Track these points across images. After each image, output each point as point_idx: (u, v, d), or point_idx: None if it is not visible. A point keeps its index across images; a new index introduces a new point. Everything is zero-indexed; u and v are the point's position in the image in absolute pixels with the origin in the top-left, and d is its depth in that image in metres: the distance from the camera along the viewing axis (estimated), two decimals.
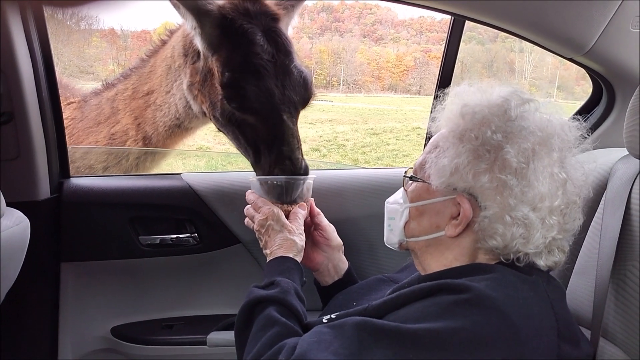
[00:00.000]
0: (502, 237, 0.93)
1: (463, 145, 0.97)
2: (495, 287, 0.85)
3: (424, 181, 1.04)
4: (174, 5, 1.36)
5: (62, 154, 1.63)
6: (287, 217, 1.30)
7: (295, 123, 1.38)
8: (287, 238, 1.25)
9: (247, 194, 1.37)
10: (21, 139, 1.46)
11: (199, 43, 1.42)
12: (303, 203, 1.34)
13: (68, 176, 1.67)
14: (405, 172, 1.12)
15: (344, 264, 1.40)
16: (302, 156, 1.36)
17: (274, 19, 1.40)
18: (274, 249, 1.24)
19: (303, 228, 1.31)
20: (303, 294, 1.13)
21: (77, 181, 1.66)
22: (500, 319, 0.82)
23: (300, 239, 1.26)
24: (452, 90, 1.09)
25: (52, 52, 1.55)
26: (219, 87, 1.37)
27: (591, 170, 1.02)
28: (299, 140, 1.36)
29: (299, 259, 1.23)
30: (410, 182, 1.09)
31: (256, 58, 1.33)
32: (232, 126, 1.40)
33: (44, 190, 1.55)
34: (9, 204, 1.09)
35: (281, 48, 1.37)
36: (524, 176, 0.93)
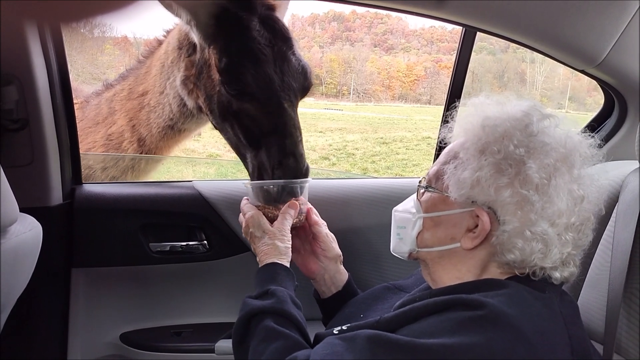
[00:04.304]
0: (521, 251, 0.92)
1: (485, 158, 0.96)
2: (509, 304, 0.85)
3: (441, 192, 1.03)
4: (166, 6, 1.35)
5: (74, 161, 1.64)
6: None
7: (296, 113, 1.35)
8: (267, 243, 1.22)
9: (242, 200, 1.35)
10: (35, 145, 1.47)
11: (194, 35, 1.41)
12: (294, 202, 1.29)
13: (80, 182, 1.69)
14: (420, 181, 1.11)
15: (342, 275, 1.37)
16: (304, 152, 1.33)
17: (270, 7, 1.40)
18: (260, 257, 1.22)
19: (289, 228, 1.26)
20: (299, 300, 1.12)
21: (89, 188, 1.68)
22: (515, 336, 0.81)
23: (281, 241, 1.23)
24: (470, 100, 1.08)
25: (67, 59, 1.57)
26: (216, 78, 1.36)
27: (604, 187, 1.02)
28: (301, 132, 1.33)
29: (286, 261, 1.21)
30: (424, 191, 1.08)
31: (253, 43, 1.31)
32: (230, 119, 1.37)
33: (57, 196, 1.56)
34: (22, 210, 1.10)
35: (278, 34, 1.36)
36: (545, 192, 0.92)
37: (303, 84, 1.39)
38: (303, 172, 1.31)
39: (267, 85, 1.31)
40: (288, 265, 1.21)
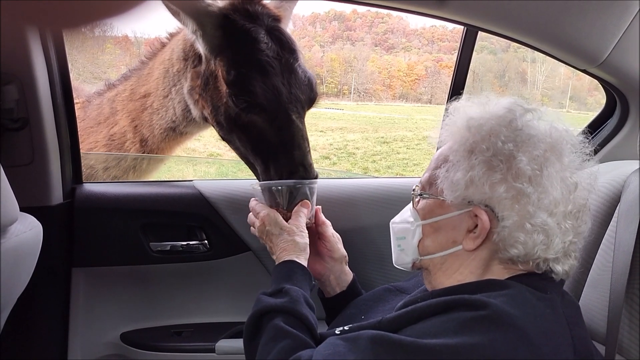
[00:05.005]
0: (523, 245, 0.92)
1: (475, 157, 0.96)
2: (512, 304, 0.85)
3: (436, 197, 1.03)
4: (173, 13, 1.35)
5: (75, 160, 1.64)
6: (288, 220, 1.28)
7: (303, 123, 1.36)
8: (287, 240, 1.22)
9: (250, 201, 1.36)
10: (35, 145, 1.47)
11: (200, 46, 1.41)
12: (306, 201, 1.30)
13: (81, 182, 1.68)
14: (413, 189, 1.10)
15: (347, 276, 1.37)
16: (312, 162, 1.34)
17: (275, 19, 1.40)
18: (278, 254, 1.22)
19: (305, 225, 1.27)
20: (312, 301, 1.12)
21: (90, 187, 1.68)
22: (518, 337, 0.81)
23: (301, 237, 1.23)
24: (452, 105, 1.09)
25: (67, 59, 1.57)
26: (223, 90, 1.36)
27: (596, 172, 1.02)
28: (309, 143, 1.34)
29: (304, 258, 1.21)
30: (419, 199, 1.08)
31: (261, 55, 1.32)
32: (237, 131, 1.38)
33: (57, 195, 1.56)
34: (22, 209, 1.10)
35: (285, 46, 1.37)
36: (539, 183, 0.93)
37: (309, 96, 1.40)
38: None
39: (275, 98, 1.31)
40: (306, 262, 1.21)
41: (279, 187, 1.29)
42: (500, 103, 1.03)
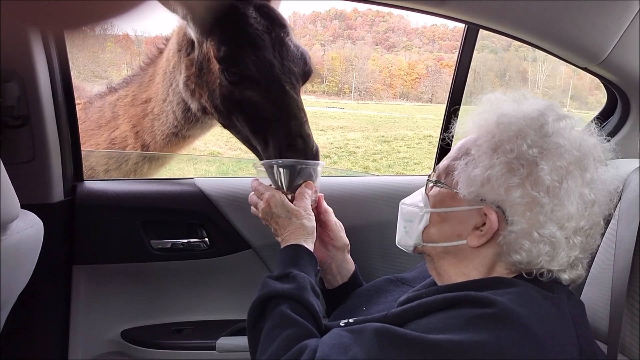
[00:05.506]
0: (527, 252, 0.91)
1: (497, 156, 0.95)
2: (519, 302, 0.84)
3: (450, 188, 1.02)
4: (161, 0, 1.34)
5: (76, 157, 1.64)
6: (292, 202, 1.25)
7: (298, 94, 1.35)
8: (295, 223, 1.20)
9: (251, 181, 1.33)
10: (36, 142, 1.47)
11: (191, 30, 1.41)
12: (310, 182, 1.28)
13: (82, 179, 1.68)
14: (429, 175, 1.09)
15: (349, 265, 1.35)
16: (311, 132, 1.32)
17: None
18: (284, 236, 1.19)
19: (310, 207, 1.25)
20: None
21: (91, 184, 1.68)
22: (525, 335, 0.80)
23: (308, 220, 1.21)
24: (486, 96, 1.06)
25: (68, 57, 1.57)
26: (216, 69, 1.36)
27: (617, 193, 1.00)
28: (305, 113, 1.32)
29: (311, 242, 1.19)
30: (433, 186, 1.07)
31: (251, 29, 1.32)
32: (234, 110, 1.37)
33: (58, 193, 1.56)
34: (23, 206, 1.10)
35: (275, 21, 1.37)
36: (556, 195, 0.91)
37: (303, 69, 1.39)
38: (313, 153, 1.30)
39: (267, 70, 1.31)
40: (313, 245, 1.19)
41: (281, 168, 1.26)
42: (535, 104, 1.00)
